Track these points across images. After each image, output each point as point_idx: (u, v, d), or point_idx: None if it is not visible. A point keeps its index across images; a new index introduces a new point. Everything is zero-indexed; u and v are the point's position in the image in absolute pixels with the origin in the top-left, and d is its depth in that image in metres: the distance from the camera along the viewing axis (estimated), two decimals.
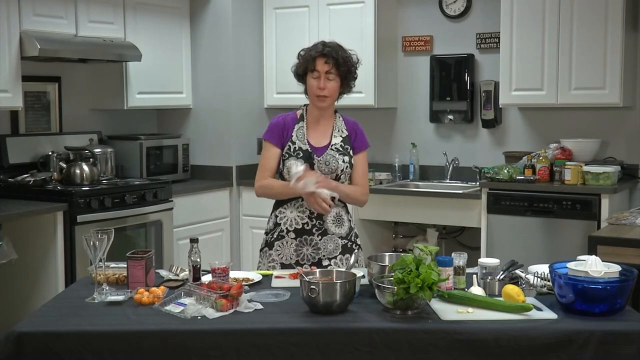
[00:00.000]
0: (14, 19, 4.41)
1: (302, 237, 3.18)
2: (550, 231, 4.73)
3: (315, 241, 3.18)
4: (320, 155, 3.17)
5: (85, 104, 5.38)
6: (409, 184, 5.54)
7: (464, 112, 5.44)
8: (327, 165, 3.16)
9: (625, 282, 2.42)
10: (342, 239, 3.22)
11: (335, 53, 3.14)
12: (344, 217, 3.26)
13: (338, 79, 3.16)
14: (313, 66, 3.15)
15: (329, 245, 3.18)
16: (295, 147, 3.18)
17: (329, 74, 3.13)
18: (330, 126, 3.25)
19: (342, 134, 3.25)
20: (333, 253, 3.19)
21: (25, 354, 2.27)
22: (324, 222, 3.18)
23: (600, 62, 4.74)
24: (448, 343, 2.28)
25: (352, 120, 3.35)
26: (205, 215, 5.43)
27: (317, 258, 3.18)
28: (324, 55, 3.13)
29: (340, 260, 3.18)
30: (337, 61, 3.13)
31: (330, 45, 3.17)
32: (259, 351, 2.29)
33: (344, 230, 3.23)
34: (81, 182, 4.73)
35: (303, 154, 3.16)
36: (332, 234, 3.19)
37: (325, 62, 3.13)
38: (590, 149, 4.97)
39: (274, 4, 5.75)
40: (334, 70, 3.13)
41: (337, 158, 3.18)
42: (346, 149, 3.22)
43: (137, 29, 5.21)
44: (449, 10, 5.52)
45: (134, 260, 2.72)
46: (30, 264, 4.41)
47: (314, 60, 3.14)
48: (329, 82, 3.14)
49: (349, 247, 3.23)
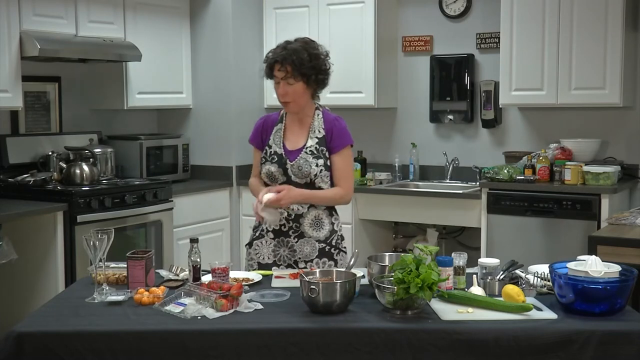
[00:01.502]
0: (14, 19, 4.41)
1: (280, 238, 3.15)
2: (550, 231, 4.73)
3: (291, 243, 3.14)
4: (293, 159, 3.10)
5: (85, 104, 5.38)
6: (409, 184, 5.54)
7: (464, 112, 5.44)
8: (300, 170, 3.08)
9: (625, 282, 2.42)
10: (320, 243, 3.14)
11: (291, 57, 3.02)
12: (325, 220, 3.16)
13: (300, 80, 3.04)
14: (271, 73, 3.08)
15: (305, 248, 3.13)
16: (271, 151, 3.14)
17: (287, 79, 3.03)
18: (308, 126, 3.16)
19: (318, 135, 3.14)
20: (309, 256, 3.13)
21: (25, 354, 2.26)
22: (300, 225, 3.13)
23: (600, 62, 4.74)
24: (448, 343, 2.28)
25: (332, 116, 3.21)
26: (205, 215, 5.43)
27: (293, 260, 3.14)
28: (278, 62, 3.03)
29: (316, 264, 3.12)
30: (293, 65, 3.02)
31: (289, 48, 3.05)
32: (259, 351, 2.29)
33: (323, 234, 3.15)
34: (81, 182, 4.73)
35: (277, 158, 3.11)
36: (310, 237, 3.13)
37: (280, 69, 3.04)
38: (590, 149, 4.97)
39: (274, 4, 5.75)
40: (291, 75, 3.03)
41: (310, 162, 3.09)
42: (321, 150, 3.12)
43: (137, 29, 5.21)
44: (449, 10, 5.52)
45: (134, 260, 2.72)
46: (30, 264, 4.41)
47: (271, 67, 3.07)
48: (290, 86, 3.04)
49: (327, 251, 3.16)
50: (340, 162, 3.15)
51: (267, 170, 3.13)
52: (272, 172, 3.12)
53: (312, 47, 3.11)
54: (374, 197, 5.32)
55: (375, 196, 5.31)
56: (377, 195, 5.30)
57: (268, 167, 3.13)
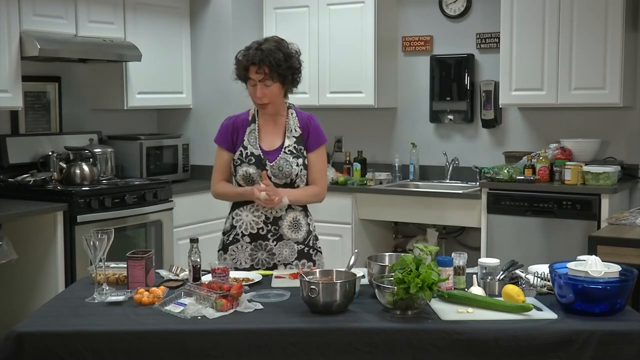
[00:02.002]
0: (14, 19, 4.42)
1: (257, 241, 3.10)
2: (550, 231, 4.73)
3: (270, 246, 3.10)
4: (273, 160, 3.06)
5: (85, 104, 5.38)
6: (409, 184, 5.54)
7: (464, 112, 5.44)
8: (280, 171, 3.05)
9: (625, 282, 2.42)
10: (299, 244, 3.13)
11: (267, 58, 2.97)
12: (302, 221, 3.14)
13: (278, 81, 3.01)
14: (247, 75, 3.02)
15: (284, 250, 3.11)
16: (247, 152, 3.08)
17: (265, 81, 2.99)
18: (283, 126, 3.13)
19: (295, 134, 3.12)
20: (288, 259, 3.11)
21: (25, 354, 2.26)
22: (279, 228, 3.10)
23: (600, 62, 4.74)
24: (448, 343, 2.28)
25: (306, 115, 3.19)
26: (205, 215, 5.43)
27: (272, 263, 3.11)
28: (255, 64, 2.98)
29: (296, 266, 3.11)
30: (271, 66, 2.97)
31: (263, 49, 2.99)
32: (259, 351, 2.29)
33: (301, 235, 3.14)
34: (81, 182, 4.73)
35: (255, 159, 3.06)
36: (288, 239, 3.11)
37: (257, 72, 2.99)
38: (590, 149, 4.97)
39: (274, 4, 5.75)
40: (269, 76, 2.99)
41: (291, 162, 3.07)
42: (299, 149, 3.10)
43: (137, 29, 5.21)
44: (449, 10, 5.52)
45: (134, 260, 2.72)
46: (30, 264, 4.41)
47: (247, 69, 3.01)
48: (267, 88, 3.01)
49: (305, 253, 3.14)
50: (317, 160, 3.14)
51: (244, 172, 3.07)
52: (251, 173, 3.06)
53: (285, 46, 3.06)
54: (374, 197, 5.32)
55: (375, 196, 5.31)
56: (377, 195, 5.30)
57: (245, 168, 3.07)
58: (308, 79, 5.65)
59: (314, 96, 5.65)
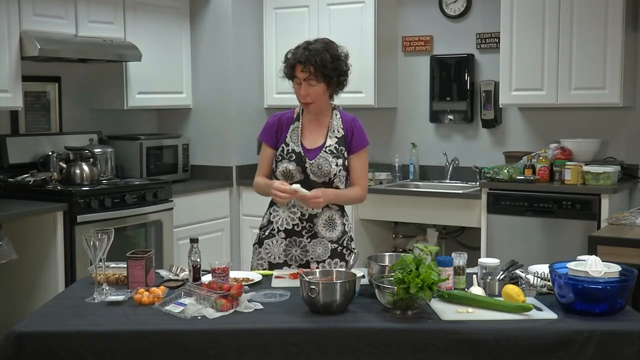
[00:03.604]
0: (14, 19, 4.41)
1: (292, 237, 3.14)
2: (550, 231, 4.73)
3: (304, 243, 3.14)
4: (312, 158, 3.10)
5: (85, 104, 5.38)
6: (409, 184, 5.54)
7: (464, 112, 5.44)
8: (319, 169, 3.08)
9: (625, 282, 2.42)
10: (333, 243, 3.15)
11: (314, 58, 3.02)
12: (337, 220, 3.17)
13: (322, 82, 3.06)
14: (293, 73, 3.08)
15: (318, 248, 3.13)
16: (289, 149, 3.12)
17: (309, 80, 3.04)
18: (326, 126, 3.17)
19: (337, 135, 3.16)
20: (322, 257, 3.13)
21: (25, 354, 2.27)
22: (314, 225, 3.13)
23: (600, 62, 4.74)
24: (448, 343, 2.28)
25: (350, 116, 3.24)
26: (205, 215, 5.43)
27: (305, 260, 3.14)
28: (301, 63, 3.03)
29: (328, 265, 3.13)
30: (316, 66, 3.02)
31: (311, 49, 3.04)
32: (259, 351, 2.29)
33: (336, 235, 3.16)
34: (81, 182, 4.73)
35: (295, 156, 3.10)
36: (322, 237, 3.14)
37: (303, 70, 3.04)
38: (590, 149, 4.97)
39: (274, 4, 5.75)
40: (314, 76, 3.03)
41: (330, 161, 3.10)
42: (340, 150, 3.14)
43: (137, 29, 5.21)
44: (449, 10, 5.52)
45: (134, 260, 2.72)
46: (30, 264, 4.41)
47: (293, 67, 3.07)
48: (311, 87, 3.05)
49: (339, 252, 3.16)
50: (359, 162, 3.19)
51: (284, 168, 3.11)
52: (290, 170, 3.10)
53: (333, 48, 3.11)
54: (374, 197, 5.31)
55: (375, 196, 5.30)
56: (377, 195, 5.30)
57: (286, 165, 3.11)
58: None
59: None
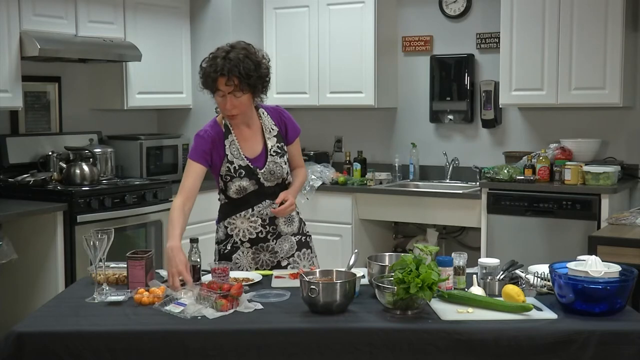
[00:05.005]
0: (14, 19, 4.41)
1: (258, 245, 3.09)
2: (550, 231, 4.73)
3: (271, 246, 3.10)
4: (262, 167, 3.02)
5: (85, 104, 5.38)
6: (409, 184, 5.54)
7: (464, 112, 5.44)
8: (272, 175, 3.03)
9: (625, 282, 2.42)
10: (295, 236, 3.15)
11: (236, 69, 2.84)
12: (293, 213, 3.14)
13: (248, 92, 2.90)
14: (215, 86, 2.90)
15: (285, 245, 3.12)
16: (235, 166, 2.99)
17: (234, 92, 2.88)
18: (258, 128, 3.06)
19: (273, 133, 3.07)
20: (290, 252, 3.13)
21: (25, 354, 2.26)
22: (277, 226, 3.10)
23: (600, 62, 4.74)
24: (448, 343, 2.28)
25: (273, 107, 3.12)
26: (205, 215, 5.41)
27: (275, 261, 3.12)
28: (224, 75, 2.85)
29: (298, 257, 3.15)
30: (240, 77, 2.85)
31: (231, 58, 2.86)
32: (259, 351, 2.29)
33: (295, 227, 3.16)
34: (81, 182, 4.73)
35: (245, 171, 2.99)
36: (286, 234, 3.13)
37: (226, 84, 2.87)
38: (590, 149, 4.97)
39: (274, 4, 5.75)
40: (239, 88, 2.87)
41: (279, 162, 3.04)
42: (282, 147, 3.07)
43: (137, 29, 5.21)
44: (449, 10, 5.52)
45: (134, 260, 2.72)
46: (30, 264, 4.41)
47: (215, 81, 2.89)
48: (237, 99, 2.89)
49: (303, 242, 3.18)
50: (296, 148, 3.18)
51: (238, 186, 3.01)
52: (244, 186, 3.02)
53: (253, 53, 2.95)
54: (374, 197, 5.32)
55: (375, 196, 5.31)
56: (377, 195, 5.30)
57: (238, 183, 3.00)
58: (308, 79, 5.66)
59: (313, 96, 5.65)
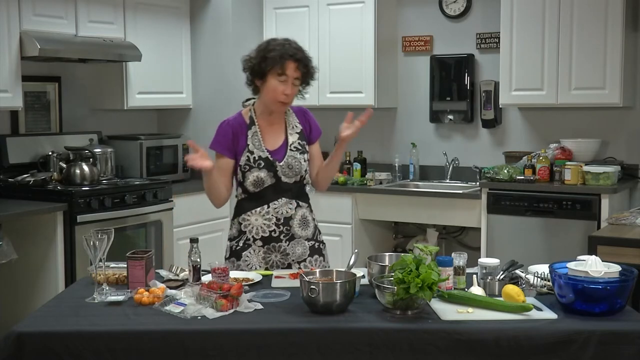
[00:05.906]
0: (14, 19, 4.42)
1: (270, 244, 3.05)
2: (550, 231, 4.73)
3: (283, 247, 3.06)
4: (281, 160, 3.01)
5: (85, 104, 5.38)
6: (409, 184, 5.54)
7: (464, 112, 5.44)
8: (290, 169, 3.01)
9: (625, 282, 2.42)
10: (309, 241, 3.11)
11: (305, 59, 2.94)
12: (309, 217, 3.12)
13: (304, 84, 3.00)
14: (282, 69, 2.91)
15: (297, 249, 3.08)
16: (255, 157, 2.99)
17: (296, 80, 2.94)
18: (283, 123, 3.07)
19: (296, 130, 3.08)
20: (302, 257, 3.09)
21: (25, 354, 2.26)
22: (291, 227, 3.06)
23: (600, 62, 4.74)
24: (448, 343, 2.28)
25: (298, 108, 3.15)
26: (205, 215, 5.43)
27: (286, 263, 3.08)
28: (297, 60, 2.91)
29: (310, 263, 3.10)
30: (307, 68, 2.94)
31: (298, 48, 2.95)
32: (259, 351, 2.29)
33: (310, 232, 3.12)
34: (81, 182, 4.73)
35: (264, 162, 2.99)
36: (299, 237, 3.09)
37: (297, 68, 2.92)
38: (590, 149, 4.97)
39: (274, 4, 5.76)
40: (301, 77, 2.95)
41: (299, 158, 3.03)
42: (303, 145, 3.07)
43: (137, 29, 5.21)
44: (449, 10, 5.52)
45: (134, 260, 2.72)
46: (30, 264, 4.41)
47: (285, 63, 2.90)
48: (295, 87, 2.95)
49: (316, 248, 3.14)
50: (318, 149, 3.18)
51: (255, 177, 3.00)
52: (262, 177, 3.00)
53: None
54: (374, 197, 5.32)
55: (375, 196, 5.31)
56: (377, 195, 5.30)
57: (256, 173, 2.99)
58: None
59: (313, 96, 5.64)
